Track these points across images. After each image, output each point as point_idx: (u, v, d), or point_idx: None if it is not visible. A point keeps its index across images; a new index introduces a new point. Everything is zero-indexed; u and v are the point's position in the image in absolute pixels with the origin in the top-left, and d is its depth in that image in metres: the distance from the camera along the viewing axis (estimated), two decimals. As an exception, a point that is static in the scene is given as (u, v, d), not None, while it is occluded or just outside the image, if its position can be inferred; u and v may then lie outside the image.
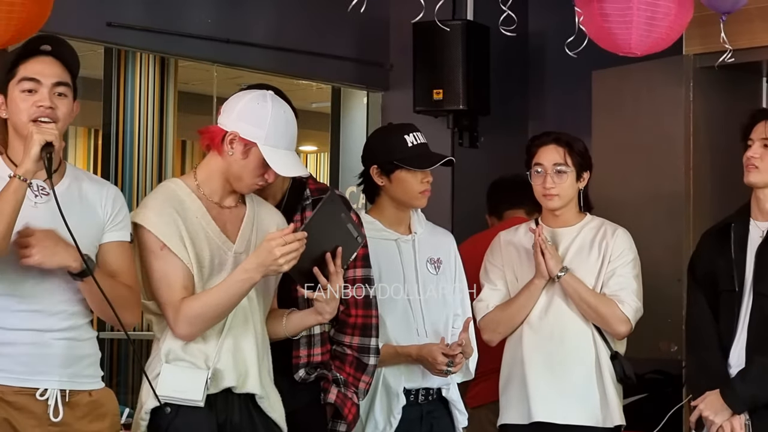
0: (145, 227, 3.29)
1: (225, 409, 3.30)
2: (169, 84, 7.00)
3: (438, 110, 6.00)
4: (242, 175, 3.35)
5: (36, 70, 3.13)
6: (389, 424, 3.89)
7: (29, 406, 3.07)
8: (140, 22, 5.31)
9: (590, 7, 3.96)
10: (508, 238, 4.21)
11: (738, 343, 3.82)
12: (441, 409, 4.03)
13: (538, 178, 4.10)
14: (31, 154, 2.99)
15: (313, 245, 3.26)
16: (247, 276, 3.23)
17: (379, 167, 3.94)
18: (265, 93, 3.38)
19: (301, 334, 3.54)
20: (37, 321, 3.09)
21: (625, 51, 4.08)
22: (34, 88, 3.11)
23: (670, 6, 3.94)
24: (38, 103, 3.10)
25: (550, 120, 6.43)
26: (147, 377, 3.26)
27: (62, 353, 3.12)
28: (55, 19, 3.77)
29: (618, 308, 4.02)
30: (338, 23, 5.95)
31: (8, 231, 2.98)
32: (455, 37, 5.84)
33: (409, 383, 3.94)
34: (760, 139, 3.81)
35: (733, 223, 3.88)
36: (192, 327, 3.25)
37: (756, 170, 3.80)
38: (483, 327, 4.14)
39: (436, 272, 4.02)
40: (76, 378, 3.15)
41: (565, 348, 4.08)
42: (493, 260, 4.20)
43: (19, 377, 3.07)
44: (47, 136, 3.01)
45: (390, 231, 3.96)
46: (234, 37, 5.63)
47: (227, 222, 3.38)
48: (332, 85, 6.59)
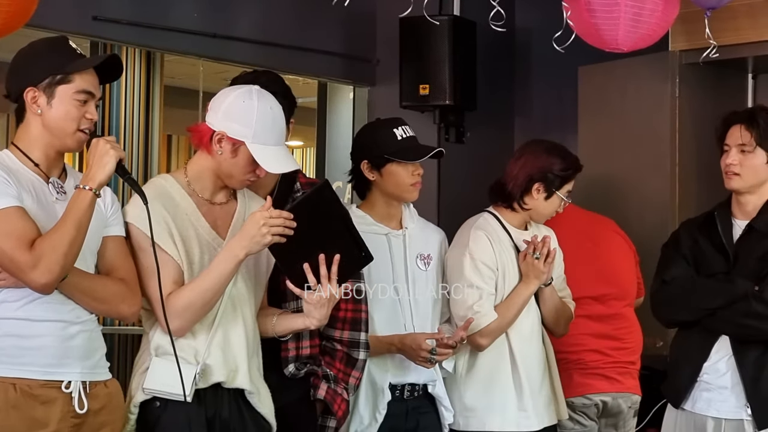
0: (134, 224, 3.28)
1: (214, 404, 3.30)
2: (155, 78, 6.99)
3: (424, 105, 6.00)
4: (233, 173, 3.35)
5: (93, 83, 3.19)
6: (374, 420, 3.89)
7: (55, 398, 3.09)
8: (126, 17, 5.29)
9: (577, 2, 3.97)
10: (488, 231, 4.12)
11: None
12: (427, 405, 4.02)
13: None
14: (107, 170, 3.07)
15: (302, 234, 3.24)
16: (232, 253, 3.23)
17: (369, 162, 3.95)
18: (251, 89, 3.37)
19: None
20: (62, 312, 3.11)
21: (611, 47, 4.10)
22: (88, 100, 3.17)
23: (657, 2, 3.96)
24: (88, 115, 3.16)
25: (536, 116, 6.44)
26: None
27: (84, 345, 3.15)
28: (42, 13, 3.77)
29: (571, 311, 4.28)
30: (325, 18, 5.95)
31: (83, 241, 3.05)
32: (442, 32, 5.84)
33: (394, 378, 3.93)
34: (737, 145, 3.82)
35: (717, 213, 3.91)
36: (182, 319, 3.24)
37: (737, 177, 3.83)
38: (486, 334, 4.03)
39: (425, 268, 4.02)
40: (95, 369, 3.19)
41: (540, 351, 4.16)
42: (485, 260, 4.08)
43: (46, 370, 3.09)
44: (121, 154, 3.11)
45: (380, 225, 3.96)
46: (220, 31, 5.62)
47: (218, 218, 3.38)
48: (319, 79, 6.59)
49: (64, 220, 3.03)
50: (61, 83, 3.14)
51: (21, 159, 3.16)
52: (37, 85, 3.14)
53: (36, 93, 3.14)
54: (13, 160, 3.15)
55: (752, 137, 3.80)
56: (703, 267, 3.87)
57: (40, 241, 3.01)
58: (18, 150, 3.17)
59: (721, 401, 3.77)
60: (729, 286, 3.77)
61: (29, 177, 3.13)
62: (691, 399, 3.84)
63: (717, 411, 3.79)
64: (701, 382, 3.82)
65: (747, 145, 3.80)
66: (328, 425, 3.67)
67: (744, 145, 3.80)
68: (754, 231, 3.83)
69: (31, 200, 3.09)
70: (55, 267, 2.99)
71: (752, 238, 3.83)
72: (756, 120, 3.81)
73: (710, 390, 3.80)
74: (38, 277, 3.00)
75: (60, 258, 2.99)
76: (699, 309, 3.81)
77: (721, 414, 3.78)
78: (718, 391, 3.78)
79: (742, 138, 3.80)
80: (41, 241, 3.01)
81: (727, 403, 3.77)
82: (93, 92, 3.18)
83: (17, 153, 3.17)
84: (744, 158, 3.81)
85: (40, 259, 2.99)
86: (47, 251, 2.99)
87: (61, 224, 3.03)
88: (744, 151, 3.81)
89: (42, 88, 3.14)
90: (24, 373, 3.06)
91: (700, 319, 3.82)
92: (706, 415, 3.80)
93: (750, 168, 3.81)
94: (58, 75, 3.14)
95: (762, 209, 3.85)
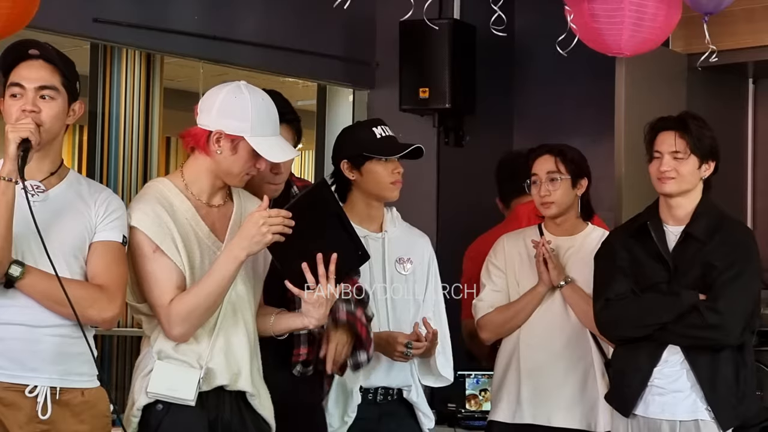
0: (138, 228, 3.27)
1: (216, 407, 3.29)
2: (155, 80, 6.98)
3: (424, 109, 6.01)
4: (233, 170, 3.34)
5: (22, 75, 3.15)
6: (343, 423, 3.86)
7: (18, 402, 3.06)
8: (127, 19, 5.29)
9: (580, 7, 3.97)
10: (511, 242, 4.32)
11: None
12: (403, 410, 3.99)
13: (535, 188, 4.22)
14: (10, 153, 3.01)
15: (300, 233, 3.24)
16: (232, 255, 3.22)
17: (349, 161, 3.93)
18: (239, 84, 3.37)
19: (301, 332, 3.54)
20: (28, 316, 3.08)
21: (614, 51, 4.11)
22: (20, 92, 3.14)
23: (659, 7, 3.96)
24: (22, 107, 3.12)
25: (535, 120, 6.44)
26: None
27: (53, 350, 3.11)
28: (42, 15, 3.76)
29: None
30: (325, 21, 5.95)
31: (7, 233, 3.00)
32: (442, 36, 5.84)
33: (366, 381, 3.89)
34: (670, 152, 3.84)
35: (649, 222, 3.92)
36: (185, 324, 3.23)
37: (672, 181, 3.84)
38: (482, 326, 4.25)
39: (405, 271, 4.00)
40: (67, 376, 3.14)
41: (561, 353, 4.17)
42: (495, 262, 4.31)
43: (10, 373, 3.06)
44: (22, 133, 3.03)
45: (359, 228, 3.93)
46: (220, 33, 5.63)
47: (216, 221, 3.38)
48: (318, 82, 6.59)
49: None
50: (5, 84, 3.15)
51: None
52: (1, 95, 3.17)
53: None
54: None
55: (686, 145, 3.84)
56: (642, 278, 3.86)
57: None
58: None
59: (675, 404, 3.79)
60: (675, 299, 3.77)
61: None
62: (642, 404, 3.83)
63: (671, 414, 3.79)
64: (652, 387, 3.82)
65: (681, 153, 3.84)
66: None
67: (678, 152, 3.84)
68: (691, 238, 3.84)
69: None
70: None
71: (690, 245, 3.83)
72: (689, 128, 3.85)
73: (663, 394, 3.80)
74: None
75: None
76: (648, 326, 3.80)
77: (675, 416, 3.79)
78: (672, 395, 3.79)
79: (677, 146, 3.84)
80: None
81: (681, 406, 3.78)
82: (22, 84, 3.13)
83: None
84: (678, 164, 3.84)
85: None
86: None
87: None
88: (677, 158, 3.84)
89: (2, 95, 3.17)
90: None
91: (650, 335, 3.82)
92: (660, 419, 3.81)
93: (684, 173, 3.84)
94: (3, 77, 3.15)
95: (695, 215, 3.87)
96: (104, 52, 6.67)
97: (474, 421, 5.49)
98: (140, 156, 6.94)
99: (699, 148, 3.85)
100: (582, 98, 6.17)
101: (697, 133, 3.86)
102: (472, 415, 5.54)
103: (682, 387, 3.79)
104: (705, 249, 3.82)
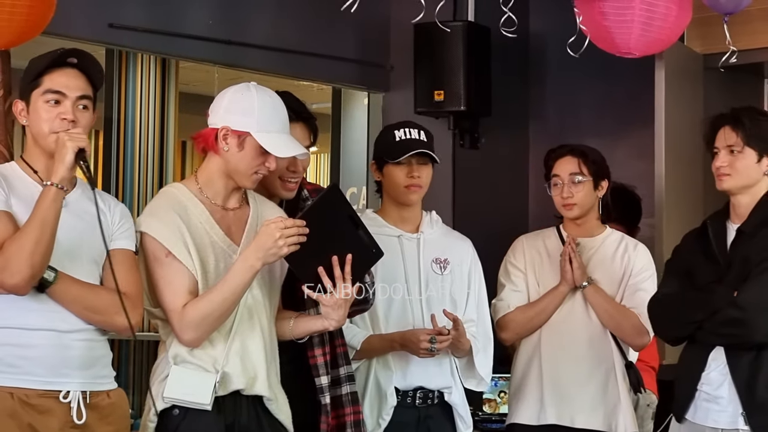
0: (149, 234, 3.28)
1: (233, 411, 3.29)
2: (170, 85, 7.00)
3: (439, 111, 6.00)
4: (241, 168, 3.32)
5: (62, 82, 3.16)
6: (378, 426, 3.84)
7: (53, 408, 3.08)
8: (142, 24, 5.31)
9: (591, 7, 3.96)
10: (530, 242, 4.31)
11: None
12: (441, 414, 3.95)
13: (557, 189, 4.20)
14: (66, 162, 3.04)
15: (315, 238, 3.24)
16: (248, 264, 3.22)
17: (375, 163, 3.96)
18: (247, 84, 3.38)
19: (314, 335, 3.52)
20: (56, 321, 3.10)
21: (623, 51, 4.10)
22: (59, 100, 3.15)
23: (670, 7, 3.95)
24: (62, 115, 3.14)
25: (550, 121, 6.43)
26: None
27: (82, 354, 3.13)
28: (58, 21, 3.78)
29: (639, 320, 4.11)
30: (339, 24, 5.95)
31: (53, 239, 3.02)
32: (456, 38, 5.84)
33: (401, 382, 3.87)
34: (725, 146, 3.78)
35: (709, 221, 3.89)
36: (198, 330, 3.23)
37: (727, 177, 3.78)
38: (502, 326, 4.21)
39: (441, 272, 4.00)
40: (95, 379, 3.17)
41: (583, 355, 4.16)
42: (515, 261, 4.29)
43: (43, 380, 3.08)
44: (79, 143, 3.07)
45: (392, 228, 3.93)
46: (235, 38, 5.63)
47: (231, 224, 3.38)
48: (333, 85, 6.59)
49: (30, 220, 3.02)
50: (33, 89, 3.16)
51: (24, 169, 3.18)
52: (21, 97, 3.19)
53: (21, 104, 3.19)
54: (15, 170, 3.18)
55: (738, 137, 3.75)
56: (698, 278, 3.81)
57: (8, 243, 3.00)
58: (23, 161, 3.20)
59: (719, 411, 3.71)
60: (708, 297, 3.71)
61: (29, 186, 3.13)
62: (692, 409, 3.78)
63: (714, 421, 3.72)
64: (701, 392, 3.76)
65: (735, 146, 3.76)
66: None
67: (732, 145, 3.76)
68: (742, 234, 3.77)
69: (24, 207, 3.07)
70: (23, 267, 2.98)
71: (741, 242, 3.77)
72: (741, 120, 3.76)
73: (709, 400, 3.74)
74: (7, 279, 3.00)
75: (27, 258, 2.98)
76: (686, 324, 3.75)
77: (718, 424, 3.71)
78: (716, 401, 3.73)
79: (729, 139, 3.76)
80: (9, 242, 3.00)
81: (724, 413, 3.71)
82: (63, 91, 3.15)
83: (22, 164, 3.20)
84: (734, 159, 3.77)
85: (8, 260, 2.98)
86: (14, 252, 2.98)
87: (26, 224, 3.02)
88: (733, 152, 3.77)
89: (25, 98, 3.18)
90: (22, 383, 3.06)
91: (692, 333, 3.78)
92: (704, 425, 3.74)
93: (740, 168, 3.76)
94: (32, 83, 3.15)
95: (752, 211, 3.78)
96: (119, 57, 6.70)
97: (492, 423, 5.49)
98: (156, 160, 6.96)
99: (755, 141, 3.74)
100: (597, 99, 6.16)
101: (752, 125, 3.75)
102: (489, 417, 5.53)
103: (724, 393, 3.71)
104: (750, 243, 3.74)
